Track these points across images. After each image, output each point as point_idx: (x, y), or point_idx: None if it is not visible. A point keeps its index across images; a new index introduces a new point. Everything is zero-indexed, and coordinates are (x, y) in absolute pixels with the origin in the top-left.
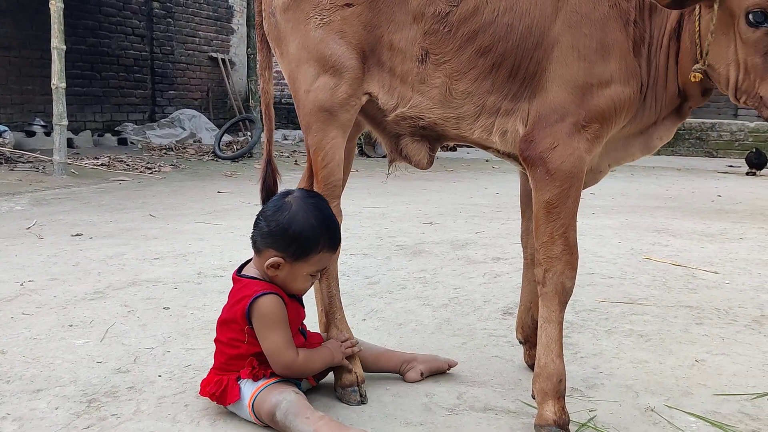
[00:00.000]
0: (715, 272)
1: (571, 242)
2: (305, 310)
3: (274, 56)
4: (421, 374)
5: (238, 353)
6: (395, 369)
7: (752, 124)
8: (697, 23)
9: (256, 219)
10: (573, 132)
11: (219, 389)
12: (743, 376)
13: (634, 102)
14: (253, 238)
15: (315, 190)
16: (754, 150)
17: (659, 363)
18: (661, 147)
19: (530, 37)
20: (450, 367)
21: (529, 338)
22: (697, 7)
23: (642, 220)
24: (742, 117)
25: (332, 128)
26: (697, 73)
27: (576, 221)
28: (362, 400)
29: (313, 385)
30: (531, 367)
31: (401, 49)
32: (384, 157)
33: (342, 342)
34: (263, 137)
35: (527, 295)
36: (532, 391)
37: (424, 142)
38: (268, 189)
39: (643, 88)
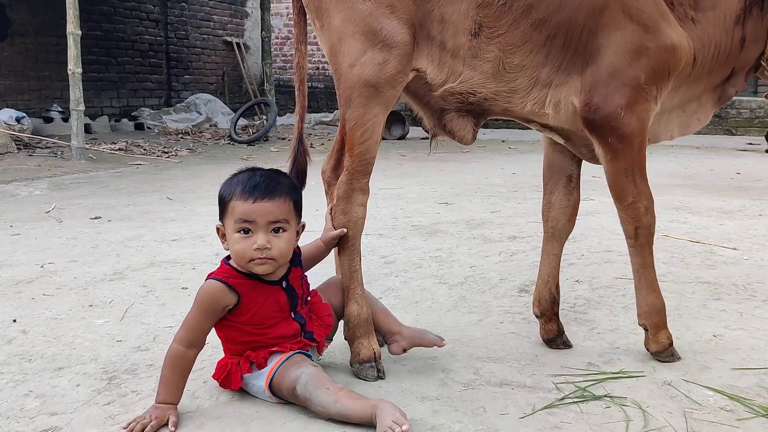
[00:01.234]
0: (734, 248)
1: (648, 195)
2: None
3: (311, 29)
4: (404, 350)
5: (222, 335)
6: (382, 334)
7: None
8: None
9: None
10: (635, 96)
11: (223, 374)
12: (762, 351)
13: (686, 67)
14: None
15: (346, 164)
16: None
17: (677, 338)
18: None
19: (583, 8)
20: (437, 345)
21: (545, 312)
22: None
23: (660, 198)
24: (763, 94)
25: (375, 104)
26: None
27: (646, 175)
28: (380, 376)
29: (319, 354)
30: (547, 342)
31: (453, 22)
32: (400, 138)
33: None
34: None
35: (546, 269)
36: (641, 323)
37: (469, 117)
38: (299, 168)
39: (696, 57)
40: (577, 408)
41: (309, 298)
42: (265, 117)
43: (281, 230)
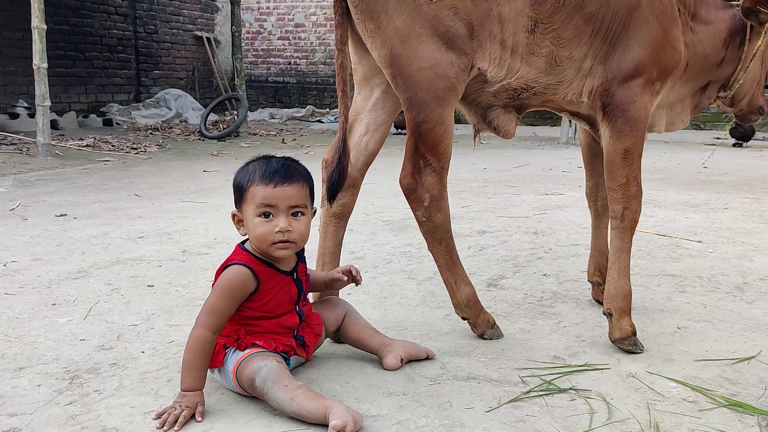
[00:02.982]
0: (699, 241)
1: (640, 183)
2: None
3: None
4: (401, 360)
5: None
6: (374, 350)
7: None
8: (746, 44)
9: None
10: (645, 87)
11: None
12: (724, 342)
13: (680, 69)
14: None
15: (432, 165)
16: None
17: (642, 330)
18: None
19: (624, 2)
20: (429, 356)
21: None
22: (748, 27)
23: None
24: None
25: (449, 103)
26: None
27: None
28: (498, 334)
29: (306, 359)
30: (599, 302)
31: (511, 20)
32: None
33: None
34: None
35: (601, 241)
36: (606, 309)
37: (512, 112)
38: (342, 169)
39: (688, 62)
40: (542, 401)
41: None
42: (235, 112)
43: (300, 214)
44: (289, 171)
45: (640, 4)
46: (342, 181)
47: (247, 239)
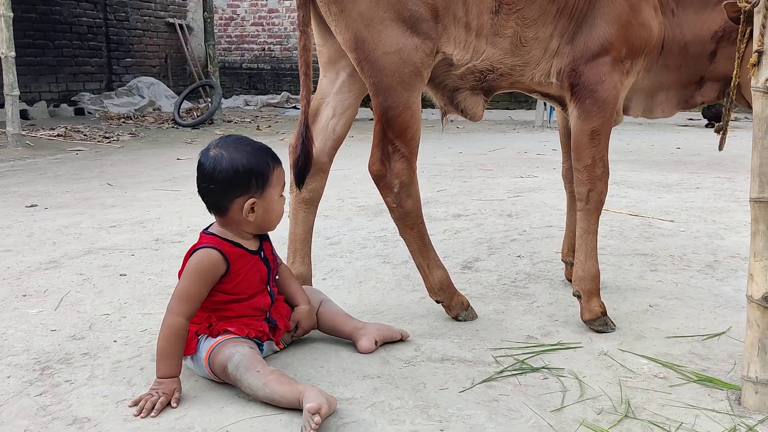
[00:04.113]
0: (671, 221)
1: (607, 164)
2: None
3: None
4: (375, 342)
5: None
6: (348, 335)
7: None
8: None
9: (204, 187)
10: (614, 66)
11: None
12: (695, 319)
13: (654, 50)
14: (211, 205)
15: (400, 150)
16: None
17: (614, 309)
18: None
19: None
20: (403, 337)
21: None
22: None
23: None
24: None
25: (416, 88)
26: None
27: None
28: (472, 315)
29: (280, 348)
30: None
31: (475, 2)
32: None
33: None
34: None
35: (574, 222)
36: (575, 291)
37: (480, 95)
38: (306, 154)
39: (664, 45)
40: (515, 380)
41: (277, 277)
42: (209, 100)
43: None
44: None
45: None
46: (308, 166)
47: (211, 225)
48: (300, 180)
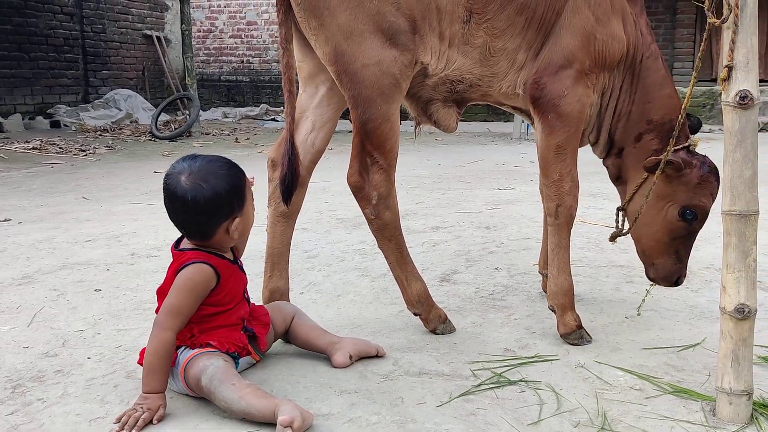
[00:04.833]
0: None
1: (575, 179)
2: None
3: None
4: (350, 357)
5: None
6: (323, 349)
7: (686, 90)
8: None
9: (184, 219)
10: (578, 79)
11: None
12: (671, 330)
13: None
14: (193, 233)
15: (379, 162)
16: (686, 115)
17: (590, 321)
18: None
19: None
20: (379, 354)
21: None
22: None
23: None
24: (677, 83)
25: (395, 100)
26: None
27: (577, 161)
28: (450, 329)
29: (256, 360)
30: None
31: (448, 11)
32: None
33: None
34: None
35: None
36: (550, 305)
37: (453, 107)
38: (293, 171)
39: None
40: (493, 394)
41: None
42: (187, 112)
43: None
44: None
45: None
46: (295, 183)
47: (181, 240)
48: (288, 197)
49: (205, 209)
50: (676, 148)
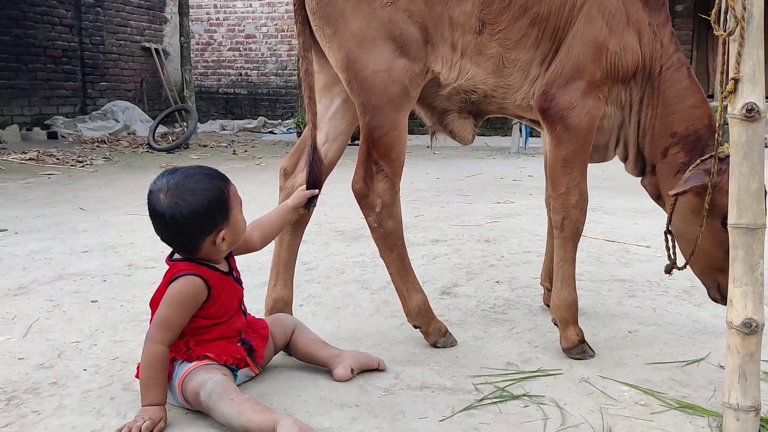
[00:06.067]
0: (647, 246)
1: (583, 192)
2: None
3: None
4: (351, 370)
5: None
6: (323, 362)
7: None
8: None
9: (168, 236)
10: (588, 91)
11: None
12: (674, 345)
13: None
14: (180, 248)
15: (384, 170)
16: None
17: (593, 335)
18: None
19: (568, 3)
20: (380, 368)
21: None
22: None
23: None
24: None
25: (404, 108)
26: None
27: (586, 174)
28: (450, 342)
29: (255, 373)
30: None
31: (460, 22)
32: None
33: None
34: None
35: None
36: (552, 319)
37: (469, 119)
38: (315, 177)
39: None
40: (496, 408)
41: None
42: (185, 124)
43: None
44: None
45: (587, 1)
46: (317, 188)
47: (172, 252)
48: (309, 203)
49: (185, 227)
50: (695, 164)
